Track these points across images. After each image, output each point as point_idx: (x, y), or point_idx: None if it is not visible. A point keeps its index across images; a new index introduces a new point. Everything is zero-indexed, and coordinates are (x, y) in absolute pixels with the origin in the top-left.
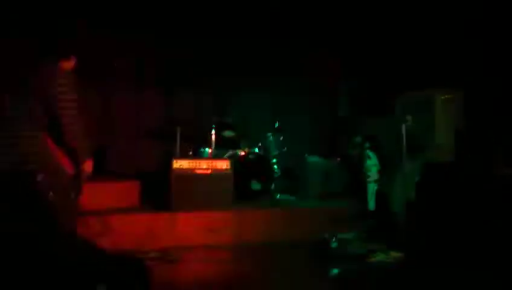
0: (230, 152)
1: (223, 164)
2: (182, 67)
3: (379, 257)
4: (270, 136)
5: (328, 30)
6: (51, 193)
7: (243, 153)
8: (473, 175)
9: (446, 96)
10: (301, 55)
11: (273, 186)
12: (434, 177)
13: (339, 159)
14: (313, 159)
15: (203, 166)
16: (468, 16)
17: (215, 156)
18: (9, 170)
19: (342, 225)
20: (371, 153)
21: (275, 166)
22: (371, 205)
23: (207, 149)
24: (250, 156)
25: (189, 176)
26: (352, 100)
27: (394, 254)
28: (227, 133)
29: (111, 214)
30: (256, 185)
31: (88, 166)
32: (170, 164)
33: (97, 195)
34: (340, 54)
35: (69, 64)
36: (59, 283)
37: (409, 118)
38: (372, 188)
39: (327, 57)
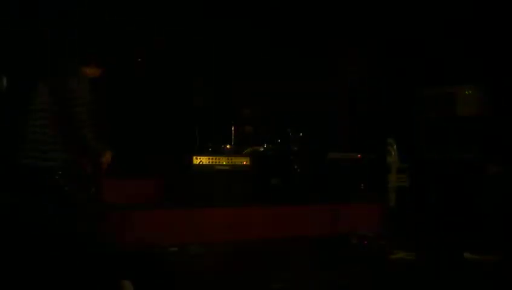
0: (249, 148)
1: (243, 160)
2: (199, 61)
3: (399, 255)
4: (290, 132)
5: (350, 24)
6: (69, 189)
7: (262, 149)
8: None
9: (469, 91)
10: (322, 50)
11: (293, 182)
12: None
13: (359, 155)
14: (334, 155)
15: (222, 162)
16: (489, 12)
17: (235, 152)
18: (29, 165)
19: (362, 221)
20: (392, 150)
21: (295, 162)
22: (392, 201)
23: (227, 145)
24: (270, 152)
25: (208, 172)
26: (373, 96)
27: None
28: (247, 129)
29: (132, 210)
30: (276, 181)
31: (106, 158)
32: (190, 160)
33: (118, 191)
34: (363, 48)
35: (92, 71)
36: (83, 280)
37: None
38: (392, 184)
39: (350, 52)
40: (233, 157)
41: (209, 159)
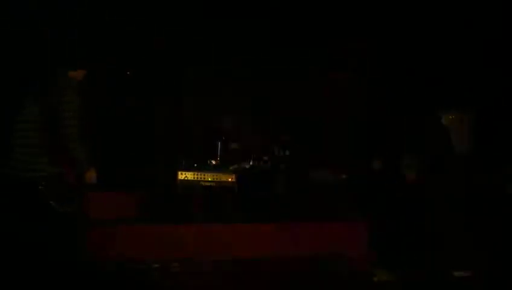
0: (235, 165)
1: (228, 177)
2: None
3: (382, 277)
4: (276, 150)
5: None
6: (53, 202)
7: (248, 166)
8: (483, 196)
9: (452, 116)
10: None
11: (278, 200)
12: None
13: (344, 175)
14: (318, 174)
15: (207, 178)
16: (474, 40)
17: (221, 169)
18: (14, 176)
19: (345, 241)
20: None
21: (281, 180)
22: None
23: (212, 161)
24: (256, 169)
25: (193, 188)
26: (358, 117)
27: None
28: (233, 145)
29: (115, 225)
30: (261, 198)
31: (90, 176)
32: (175, 176)
33: (103, 205)
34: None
35: (77, 75)
36: None
37: None
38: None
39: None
40: (218, 174)
41: (194, 175)
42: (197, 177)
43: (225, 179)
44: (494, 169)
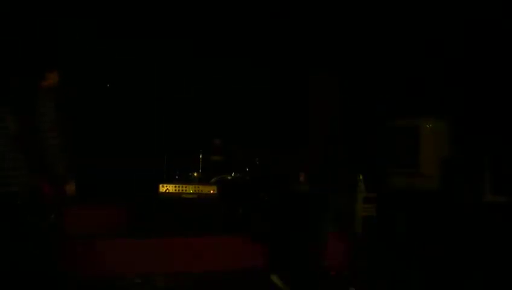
0: (217, 177)
1: (210, 189)
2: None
3: None
4: (258, 161)
5: (315, 57)
6: (30, 216)
7: (230, 178)
8: (460, 204)
9: (430, 125)
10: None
11: (260, 211)
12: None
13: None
14: (302, 186)
15: (189, 191)
16: (452, 48)
17: (202, 181)
18: None
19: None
20: (358, 180)
21: (262, 190)
22: (358, 231)
23: (194, 173)
24: (238, 181)
25: (175, 201)
26: (341, 127)
27: None
28: (215, 157)
29: (96, 239)
30: (243, 210)
31: (70, 189)
32: (156, 188)
33: (83, 219)
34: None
35: (48, 83)
36: None
37: None
38: (358, 214)
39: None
40: (200, 186)
41: (175, 187)
42: (179, 190)
43: (207, 191)
44: (471, 176)
